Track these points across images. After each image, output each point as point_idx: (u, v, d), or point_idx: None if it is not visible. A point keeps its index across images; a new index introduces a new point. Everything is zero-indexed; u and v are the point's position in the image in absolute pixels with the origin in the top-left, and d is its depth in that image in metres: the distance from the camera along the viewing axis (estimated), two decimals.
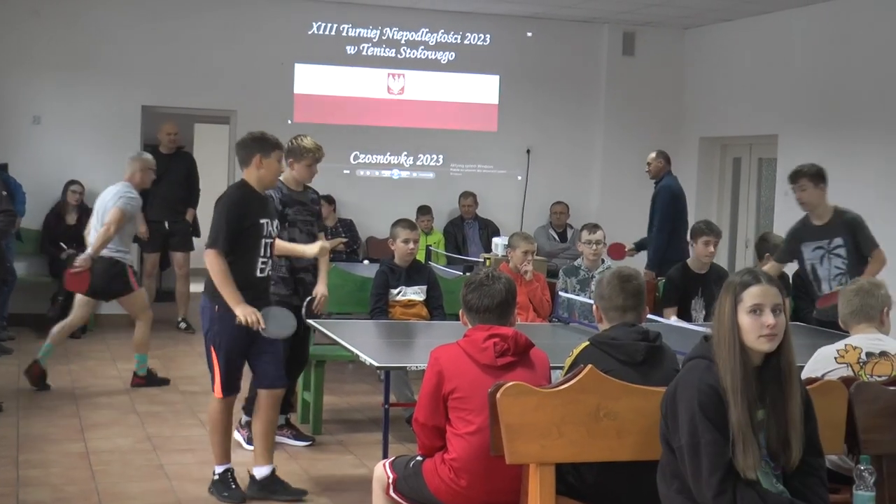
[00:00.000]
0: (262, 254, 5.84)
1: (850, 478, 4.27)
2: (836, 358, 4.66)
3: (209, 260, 5.67)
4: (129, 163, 8.80)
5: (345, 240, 12.22)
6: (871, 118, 10.52)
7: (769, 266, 7.60)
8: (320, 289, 6.94)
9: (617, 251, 10.02)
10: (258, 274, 5.86)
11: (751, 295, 3.56)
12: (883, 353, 4.69)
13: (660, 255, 9.97)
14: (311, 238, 6.98)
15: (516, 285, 4.58)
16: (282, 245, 6.62)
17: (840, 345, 4.70)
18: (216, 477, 5.93)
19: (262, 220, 5.86)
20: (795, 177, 7.47)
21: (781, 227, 10.27)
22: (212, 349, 5.77)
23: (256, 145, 5.91)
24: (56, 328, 8.57)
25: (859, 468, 3.96)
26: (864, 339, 4.74)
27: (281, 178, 6.94)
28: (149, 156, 9.09)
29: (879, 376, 4.58)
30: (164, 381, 8.74)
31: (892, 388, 4.31)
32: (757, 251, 8.27)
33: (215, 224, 5.73)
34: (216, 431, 5.97)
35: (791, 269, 8.11)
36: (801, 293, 7.90)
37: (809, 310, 7.70)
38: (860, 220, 7.38)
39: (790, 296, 8.06)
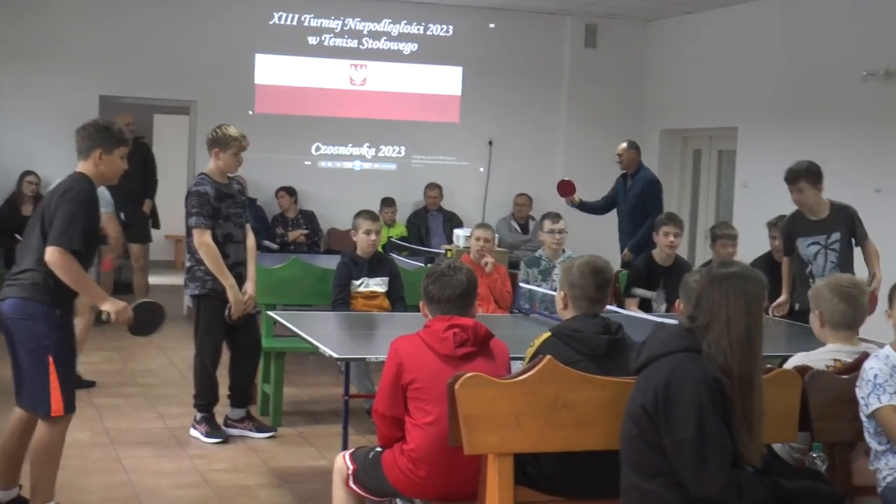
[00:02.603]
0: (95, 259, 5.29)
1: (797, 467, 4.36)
2: (829, 367, 4.57)
3: (64, 260, 4.87)
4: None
5: (306, 231, 12.22)
6: (830, 111, 10.62)
7: (786, 261, 7.64)
8: (249, 288, 6.94)
9: (567, 188, 10.32)
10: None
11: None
12: None
13: (639, 245, 10.09)
14: (243, 231, 6.98)
15: (477, 276, 4.61)
16: (214, 265, 6.68)
17: (828, 359, 4.62)
18: None
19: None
20: (795, 178, 7.43)
21: (740, 218, 10.41)
22: (49, 360, 4.95)
23: (100, 137, 5.19)
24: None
25: (812, 456, 4.04)
26: (849, 352, 4.64)
27: (206, 171, 6.94)
28: None
29: None
30: (90, 384, 8.34)
31: (844, 376, 4.38)
32: (712, 237, 8.32)
33: (67, 221, 4.89)
34: (52, 461, 5.09)
35: (746, 258, 8.19)
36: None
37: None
38: (856, 213, 7.47)
39: None
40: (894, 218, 9.51)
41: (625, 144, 10.56)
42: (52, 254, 4.85)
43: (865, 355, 4.40)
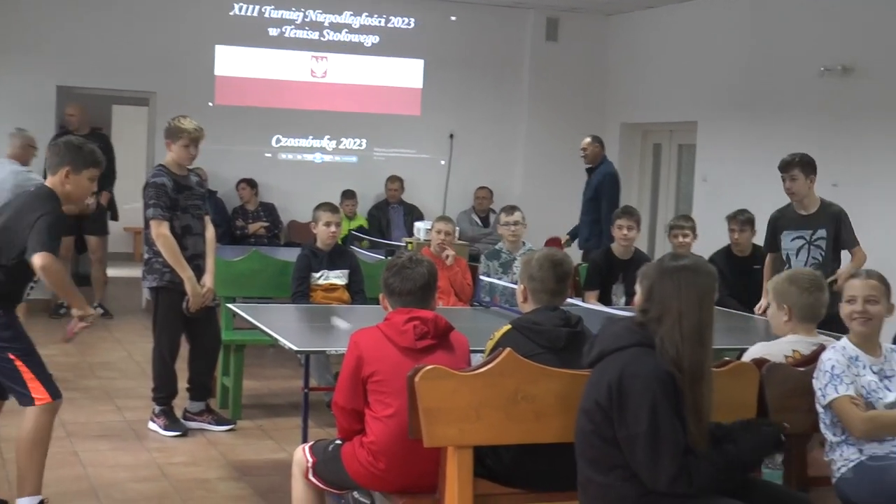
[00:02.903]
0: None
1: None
2: (787, 358, 4.63)
3: (56, 265, 4.87)
4: (10, 139, 8.75)
5: (266, 224, 12.17)
6: (788, 106, 10.70)
7: (768, 259, 7.58)
8: (208, 280, 6.90)
9: (555, 244, 10.20)
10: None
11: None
12: None
13: (597, 238, 10.14)
14: (202, 223, 6.94)
15: (437, 269, 4.60)
16: (172, 256, 6.65)
17: (786, 349, 4.67)
18: None
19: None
20: (787, 166, 7.38)
21: (699, 212, 10.46)
22: (12, 358, 4.97)
23: (69, 156, 5.10)
24: None
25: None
26: (808, 343, 4.68)
27: (164, 162, 6.90)
28: (29, 133, 9.03)
29: None
30: None
31: (801, 369, 4.42)
32: (669, 229, 8.37)
33: (48, 230, 4.87)
34: (38, 451, 5.04)
35: (706, 252, 8.24)
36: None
37: (725, 293, 7.86)
38: (846, 214, 7.38)
39: None
40: (850, 212, 9.59)
41: (588, 139, 10.64)
42: (44, 259, 4.80)
43: (823, 347, 4.45)
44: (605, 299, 7.87)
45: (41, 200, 5.01)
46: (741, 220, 8.25)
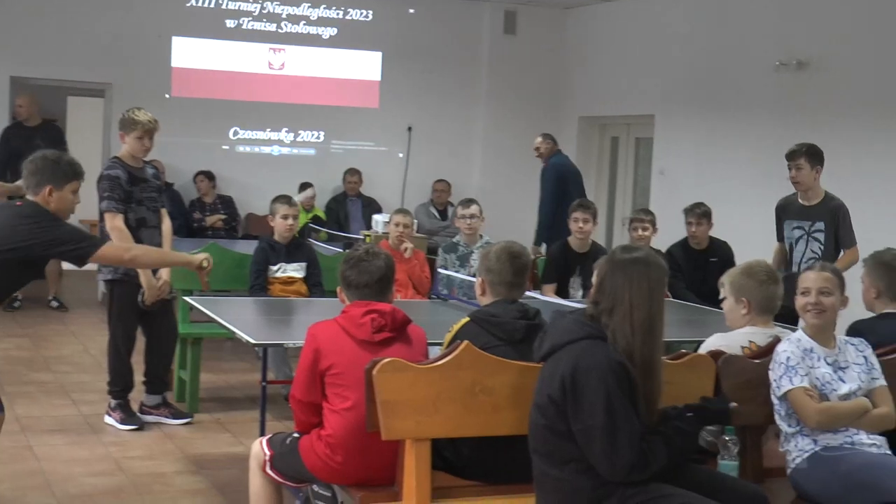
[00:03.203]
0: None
1: (710, 451, 4.42)
2: (744, 350, 4.64)
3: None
4: None
5: (223, 216, 12.10)
6: (745, 100, 10.78)
7: (777, 247, 7.55)
8: (163, 273, 6.84)
9: None
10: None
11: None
12: None
13: (544, 231, 10.14)
14: (157, 215, 6.89)
15: (395, 262, 4.60)
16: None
17: (743, 341, 4.68)
18: None
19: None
20: (793, 155, 7.35)
21: (656, 205, 10.51)
22: None
23: (48, 172, 5.03)
24: None
25: (724, 438, 4.09)
26: (764, 335, 4.70)
27: (118, 154, 6.85)
28: None
29: None
30: None
31: (756, 360, 4.45)
32: (629, 222, 8.41)
33: (74, 236, 5.05)
34: None
35: (663, 245, 8.29)
36: (674, 271, 8.07)
37: (681, 286, 7.90)
38: (845, 210, 7.30)
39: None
40: None
41: (539, 137, 10.74)
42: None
43: (778, 339, 4.48)
44: (563, 292, 7.89)
45: (36, 219, 4.91)
46: (698, 213, 8.28)
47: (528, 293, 5.61)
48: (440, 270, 7.98)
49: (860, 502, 4.12)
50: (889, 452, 4.29)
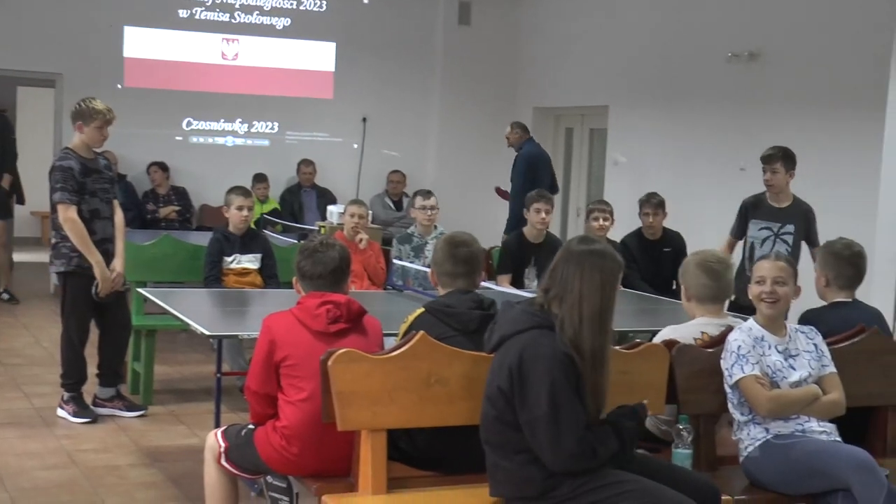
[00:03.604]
0: None
1: (664, 440, 4.46)
2: (697, 340, 4.67)
3: None
4: None
5: (177, 208, 12.02)
6: (697, 91, 10.85)
7: (729, 241, 7.59)
8: (117, 264, 6.80)
9: (502, 194, 10.69)
10: None
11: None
12: None
13: (515, 221, 10.15)
14: (111, 207, 6.83)
15: (350, 253, 4.59)
16: (80, 241, 6.54)
17: (695, 331, 4.71)
18: None
19: None
20: (770, 159, 7.40)
21: (611, 195, 10.55)
22: None
23: None
24: None
25: (678, 427, 4.13)
26: (716, 325, 4.72)
27: (70, 145, 6.78)
28: None
29: None
30: None
31: (710, 350, 4.49)
32: (588, 213, 8.42)
33: None
34: None
35: (617, 235, 8.33)
36: (629, 261, 8.10)
37: (636, 276, 7.94)
38: (814, 214, 7.48)
39: None
40: None
41: (509, 127, 10.77)
42: None
43: (730, 328, 4.52)
44: (518, 283, 7.90)
45: None
46: (654, 203, 8.32)
47: (483, 283, 5.61)
48: (395, 261, 7.98)
49: (811, 489, 4.18)
50: (839, 439, 4.35)
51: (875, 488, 3.95)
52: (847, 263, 5.06)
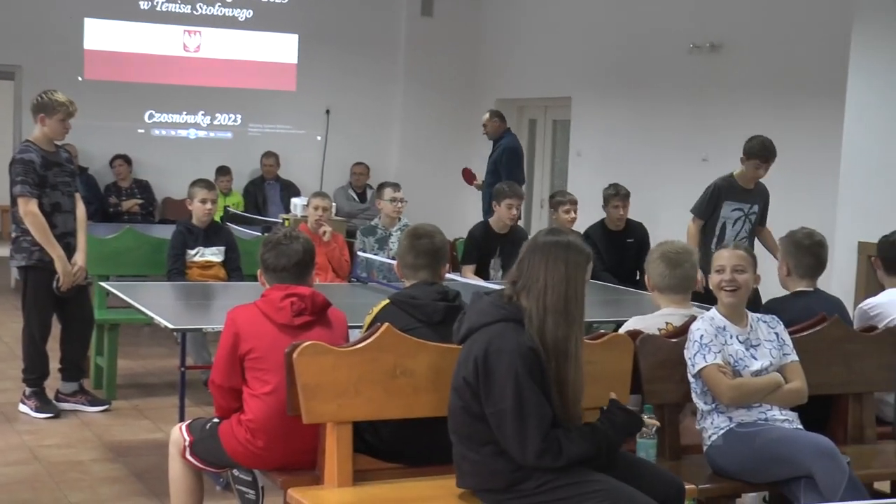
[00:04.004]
0: None
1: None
2: (661, 330, 4.69)
3: None
4: None
5: (140, 201, 11.94)
6: (659, 82, 10.88)
7: (692, 223, 7.64)
8: (79, 258, 6.74)
9: (468, 176, 10.74)
10: None
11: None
12: None
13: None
14: (72, 200, 6.78)
15: (315, 245, 4.57)
16: (41, 234, 6.47)
17: (660, 322, 4.74)
18: None
19: None
20: (772, 157, 7.53)
21: (574, 186, 10.59)
22: None
23: None
24: None
25: (643, 417, 4.14)
26: (680, 315, 4.74)
27: (31, 138, 6.71)
28: None
29: None
30: None
31: (673, 340, 4.51)
32: (553, 204, 8.41)
33: None
34: None
35: (580, 227, 8.34)
36: (593, 252, 8.11)
37: (600, 267, 7.95)
38: (769, 195, 7.75)
39: None
40: None
41: (487, 115, 10.74)
42: None
43: (694, 318, 4.54)
44: (483, 273, 7.90)
45: None
46: (623, 194, 8.33)
47: (448, 275, 5.61)
48: (359, 253, 7.96)
49: (773, 476, 4.21)
50: (801, 427, 4.38)
51: (836, 475, 3.99)
52: (808, 253, 5.09)
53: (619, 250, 8.24)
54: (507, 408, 3.53)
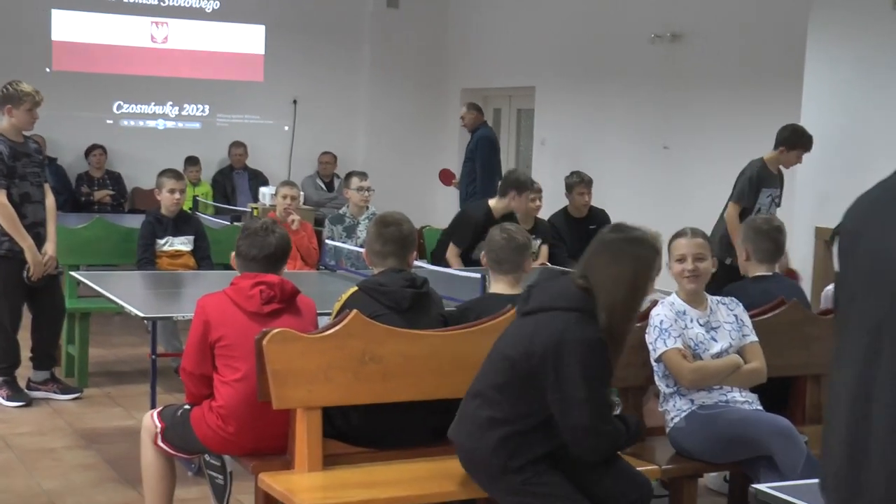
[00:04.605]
0: None
1: None
2: None
3: None
4: None
5: (112, 192, 11.86)
6: (621, 72, 10.91)
7: (732, 208, 7.68)
8: (49, 248, 6.68)
9: (446, 176, 10.76)
10: None
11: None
12: None
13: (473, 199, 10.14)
14: (41, 190, 6.72)
15: (290, 240, 4.56)
16: (11, 225, 6.43)
17: None
18: None
19: None
20: (811, 144, 7.75)
21: (538, 174, 10.59)
22: None
23: None
24: None
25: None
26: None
27: None
28: None
29: None
30: None
31: (636, 324, 4.52)
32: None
33: None
34: None
35: (545, 213, 8.36)
36: (556, 239, 8.13)
37: (564, 254, 7.97)
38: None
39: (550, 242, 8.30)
40: (680, 173, 9.88)
41: (464, 108, 10.77)
42: None
43: (655, 303, 4.57)
44: (467, 258, 7.71)
45: None
46: (587, 181, 8.33)
47: (416, 262, 5.60)
48: (327, 241, 7.94)
49: (735, 456, 4.25)
50: (760, 408, 4.42)
51: (795, 454, 4.04)
52: (766, 238, 5.13)
53: (583, 237, 8.21)
54: (577, 398, 3.55)
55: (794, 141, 7.73)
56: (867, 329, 1.98)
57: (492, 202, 7.84)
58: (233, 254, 4.43)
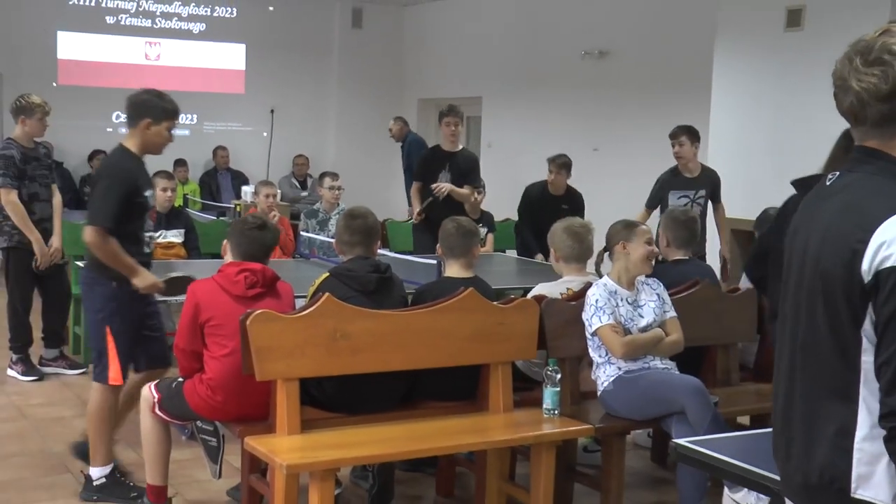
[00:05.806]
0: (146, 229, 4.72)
1: (536, 380, 4.49)
2: (562, 294, 4.68)
3: (97, 240, 4.41)
4: None
5: None
6: (557, 84, 10.94)
7: (640, 213, 7.43)
8: (55, 241, 6.59)
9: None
10: (145, 250, 4.75)
11: None
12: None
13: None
14: (49, 190, 6.62)
15: (279, 235, 4.52)
16: (20, 220, 6.33)
17: (562, 287, 4.74)
18: (103, 481, 4.57)
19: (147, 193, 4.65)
20: (676, 134, 7.39)
21: (486, 174, 10.56)
22: (107, 331, 4.46)
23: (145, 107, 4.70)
24: None
25: (548, 369, 4.16)
26: (579, 282, 4.74)
27: (12, 136, 6.56)
28: None
29: None
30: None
31: (573, 303, 4.53)
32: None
33: (101, 198, 4.45)
34: (105, 426, 4.55)
35: (495, 210, 8.35)
36: (528, 211, 8.02)
37: (527, 230, 7.87)
38: (719, 178, 7.50)
39: (494, 231, 8.28)
40: (609, 173, 9.91)
41: (392, 121, 10.67)
42: (87, 233, 4.43)
43: (590, 284, 4.56)
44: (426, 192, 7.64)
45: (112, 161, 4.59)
46: (559, 163, 8.05)
47: (380, 251, 5.56)
48: (302, 233, 7.88)
49: (654, 413, 4.26)
50: (677, 373, 4.43)
51: (704, 409, 4.06)
52: (683, 227, 5.15)
53: (553, 213, 7.95)
54: None
55: (675, 133, 7.46)
56: (793, 309, 2.04)
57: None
58: (225, 242, 4.37)
